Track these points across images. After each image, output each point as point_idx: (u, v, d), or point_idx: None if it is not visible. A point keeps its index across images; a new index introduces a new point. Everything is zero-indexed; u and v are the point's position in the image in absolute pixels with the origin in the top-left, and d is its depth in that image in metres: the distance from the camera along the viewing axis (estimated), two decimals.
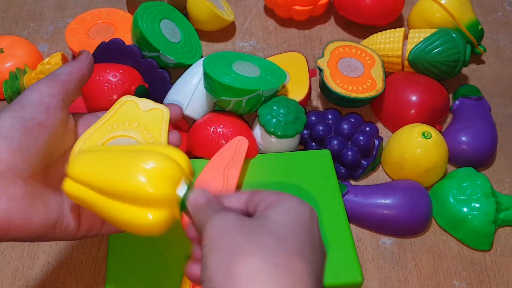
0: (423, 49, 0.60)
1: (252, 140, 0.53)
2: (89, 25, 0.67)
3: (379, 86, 0.58)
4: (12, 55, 0.62)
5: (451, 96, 0.64)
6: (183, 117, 0.57)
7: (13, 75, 0.60)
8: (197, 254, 0.33)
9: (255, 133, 0.55)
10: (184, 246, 0.45)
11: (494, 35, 0.72)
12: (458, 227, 0.52)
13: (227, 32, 0.71)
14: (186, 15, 0.68)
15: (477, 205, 0.51)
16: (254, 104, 0.53)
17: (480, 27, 0.65)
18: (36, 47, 0.66)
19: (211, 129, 0.52)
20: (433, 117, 0.59)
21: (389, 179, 0.57)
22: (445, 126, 0.61)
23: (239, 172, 0.48)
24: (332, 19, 0.74)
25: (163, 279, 0.44)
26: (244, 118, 0.57)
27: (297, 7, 0.69)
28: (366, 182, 0.57)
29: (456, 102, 0.61)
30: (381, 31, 0.65)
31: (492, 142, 0.57)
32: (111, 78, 0.53)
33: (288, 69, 0.58)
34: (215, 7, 0.67)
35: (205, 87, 0.54)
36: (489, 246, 0.52)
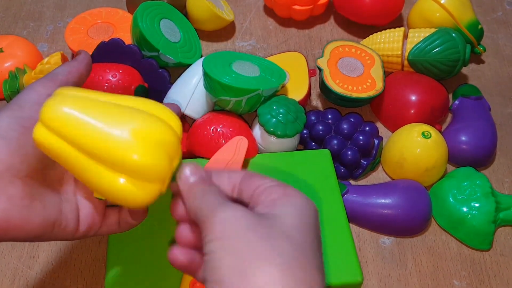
0: (423, 49, 0.60)
1: (252, 140, 0.53)
2: (89, 25, 0.67)
3: (379, 86, 0.58)
4: (12, 55, 0.62)
5: (451, 96, 0.64)
6: (183, 117, 0.57)
7: (13, 75, 0.60)
8: (185, 238, 0.33)
9: (255, 133, 0.55)
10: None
11: (494, 35, 0.72)
12: (458, 227, 0.52)
13: (227, 32, 0.71)
14: (186, 15, 0.68)
15: (477, 205, 0.51)
16: (254, 104, 0.53)
17: (480, 27, 0.65)
18: (36, 47, 0.66)
19: (211, 129, 0.52)
20: (433, 117, 0.59)
21: (389, 179, 0.57)
22: (445, 126, 0.61)
23: None
24: (332, 19, 0.74)
25: (163, 279, 0.44)
26: (244, 118, 0.57)
27: (297, 7, 0.69)
28: (366, 182, 0.57)
29: (456, 102, 0.61)
30: (381, 31, 0.65)
31: (492, 142, 0.57)
32: (111, 78, 0.53)
33: (288, 69, 0.58)
34: (215, 7, 0.67)
35: (205, 87, 0.54)
36: (489, 246, 0.52)
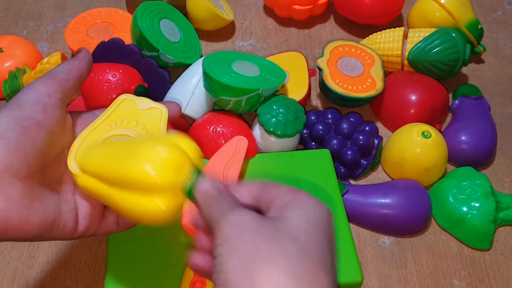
0: (423, 49, 0.60)
1: (252, 140, 0.53)
2: (89, 25, 0.67)
3: (379, 86, 0.58)
4: (12, 55, 0.62)
5: (451, 96, 0.64)
6: (182, 116, 0.57)
7: (13, 75, 0.60)
8: (203, 245, 0.32)
9: (255, 133, 0.55)
10: (184, 246, 0.45)
11: (494, 35, 0.72)
12: (458, 227, 0.52)
13: (227, 32, 0.71)
14: (186, 15, 0.68)
15: (477, 205, 0.51)
16: (254, 104, 0.53)
17: (480, 27, 0.65)
18: (36, 47, 0.66)
19: (211, 129, 0.52)
20: (433, 117, 0.59)
21: (389, 179, 0.57)
22: (445, 126, 0.61)
23: (239, 172, 0.47)
24: (332, 19, 0.74)
25: (163, 279, 0.44)
26: (244, 118, 0.57)
27: (297, 7, 0.69)
28: (366, 182, 0.57)
29: (456, 102, 0.61)
30: (381, 31, 0.65)
31: (492, 142, 0.57)
32: (111, 78, 0.53)
33: (288, 69, 0.58)
34: (215, 7, 0.67)
35: (205, 87, 0.54)
36: (489, 246, 0.52)
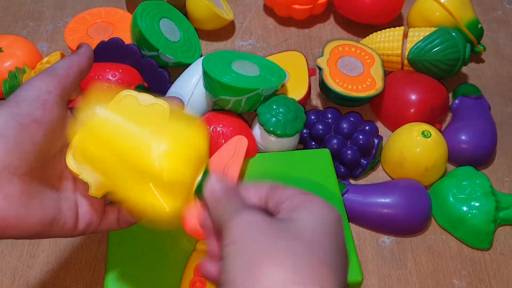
0: (423, 48, 0.60)
1: (252, 139, 0.53)
2: (89, 24, 0.67)
3: (379, 85, 0.58)
4: (12, 55, 0.62)
5: (451, 95, 0.64)
6: None
7: (13, 75, 0.60)
8: (214, 251, 0.31)
9: (255, 132, 0.55)
10: (184, 246, 0.45)
11: (494, 34, 0.72)
12: (458, 226, 0.52)
13: (227, 31, 0.71)
14: (186, 14, 0.68)
15: (477, 204, 0.51)
16: (254, 103, 0.53)
17: (480, 26, 0.65)
18: (36, 47, 0.66)
19: (211, 128, 0.52)
20: (433, 116, 0.59)
21: (389, 178, 0.57)
22: (445, 125, 0.61)
23: (239, 171, 0.47)
24: (332, 18, 0.74)
25: (163, 279, 0.44)
26: (244, 117, 0.57)
27: (297, 6, 0.69)
28: (366, 181, 0.57)
29: (456, 101, 0.61)
30: (381, 30, 0.65)
31: (492, 141, 0.57)
32: (111, 77, 0.53)
33: (288, 68, 0.58)
34: (215, 6, 0.67)
35: (205, 86, 0.54)
36: (489, 245, 0.52)
